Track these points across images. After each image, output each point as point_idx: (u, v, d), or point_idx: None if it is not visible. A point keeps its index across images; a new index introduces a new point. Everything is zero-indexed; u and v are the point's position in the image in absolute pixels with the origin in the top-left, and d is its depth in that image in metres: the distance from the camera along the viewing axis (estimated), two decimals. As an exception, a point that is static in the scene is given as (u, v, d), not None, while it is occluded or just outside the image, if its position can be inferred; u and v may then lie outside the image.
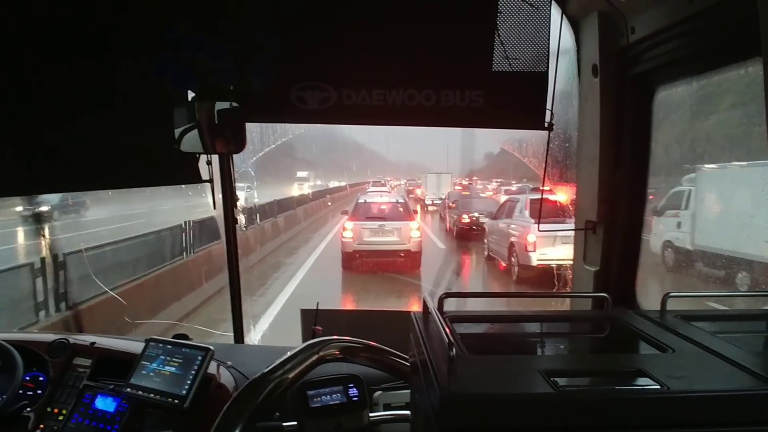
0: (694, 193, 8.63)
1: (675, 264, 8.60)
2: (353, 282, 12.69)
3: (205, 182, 2.20)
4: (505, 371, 0.93)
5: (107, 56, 1.80)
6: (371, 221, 14.08)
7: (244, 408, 1.23)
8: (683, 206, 8.83)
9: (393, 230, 13.87)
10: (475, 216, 17.56)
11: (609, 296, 1.27)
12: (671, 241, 8.72)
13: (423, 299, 1.19)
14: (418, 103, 1.96)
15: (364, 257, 13.62)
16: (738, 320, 1.37)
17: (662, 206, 9.09)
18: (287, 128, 17.24)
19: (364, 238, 13.75)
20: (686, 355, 1.00)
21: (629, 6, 1.69)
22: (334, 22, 1.92)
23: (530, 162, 19.05)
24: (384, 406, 1.61)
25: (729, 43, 1.40)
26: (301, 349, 1.37)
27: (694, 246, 8.38)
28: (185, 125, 1.88)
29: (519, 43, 1.92)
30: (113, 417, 1.67)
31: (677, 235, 8.72)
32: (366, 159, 52.52)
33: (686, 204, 8.79)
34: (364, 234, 13.80)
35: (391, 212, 14.60)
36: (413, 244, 13.74)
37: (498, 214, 14.51)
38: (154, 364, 1.70)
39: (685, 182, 9.05)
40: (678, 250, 8.63)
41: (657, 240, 8.76)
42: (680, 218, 8.79)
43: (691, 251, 8.40)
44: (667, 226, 8.83)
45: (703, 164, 8.16)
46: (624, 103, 1.81)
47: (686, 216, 8.76)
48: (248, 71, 1.81)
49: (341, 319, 2.24)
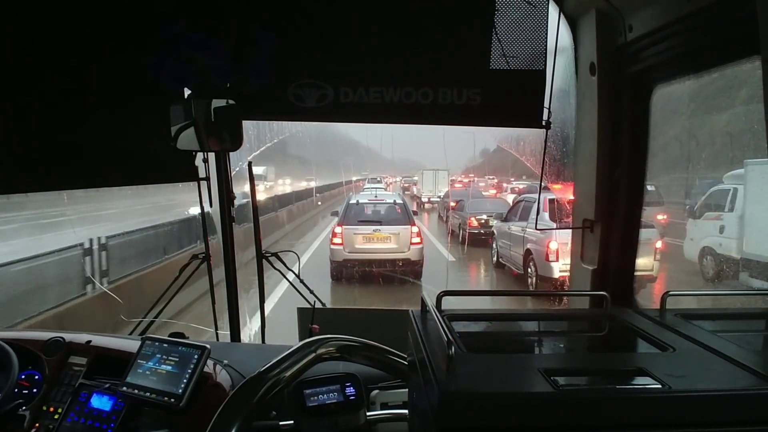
0: (742, 191, 7.46)
1: (716, 274, 7.57)
2: (343, 300, 11.18)
3: (201, 180, 2.19)
4: (505, 370, 0.93)
5: (103, 54, 1.79)
6: (364, 225, 12.38)
7: (240, 407, 1.22)
8: (727, 207, 7.73)
9: (390, 236, 12.20)
10: (484, 219, 15.73)
11: (608, 294, 1.27)
12: (711, 247, 7.74)
13: (421, 297, 1.19)
14: (415, 101, 1.95)
15: (356, 267, 12.06)
16: (738, 319, 1.37)
17: (700, 207, 8.03)
18: (283, 126, 17.09)
19: (357, 245, 12.09)
20: (687, 354, 1.00)
21: (627, 4, 1.69)
22: (331, 20, 1.91)
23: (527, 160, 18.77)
24: (381, 405, 1.61)
25: (727, 42, 1.40)
26: (298, 347, 1.37)
27: (741, 254, 7.29)
28: (181, 123, 1.87)
29: (517, 41, 1.92)
30: (109, 416, 1.67)
31: (719, 241, 7.67)
32: (362, 156, 52.52)
33: (731, 204, 7.67)
34: (356, 240, 12.12)
35: (387, 215, 12.87)
36: (413, 252, 12.11)
37: (509, 215, 12.93)
38: (150, 362, 1.69)
39: (727, 179, 7.94)
40: (720, 259, 7.61)
41: (693, 246, 7.83)
42: (723, 221, 7.72)
43: (736, 260, 7.34)
44: (707, 231, 7.77)
45: (756, 157, 6.88)
46: (622, 101, 1.81)
47: (731, 219, 7.61)
48: (245, 69, 1.80)
49: (338, 318, 2.23)
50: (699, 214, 8.14)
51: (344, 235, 12.16)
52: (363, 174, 48.94)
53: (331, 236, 12.53)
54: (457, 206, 17.88)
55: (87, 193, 16.10)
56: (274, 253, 2.39)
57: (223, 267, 2.37)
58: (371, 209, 13.22)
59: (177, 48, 1.72)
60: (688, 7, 1.42)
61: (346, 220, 12.60)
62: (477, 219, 15.90)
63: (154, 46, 1.70)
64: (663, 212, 10.39)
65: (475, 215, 16.06)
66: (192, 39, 1.72)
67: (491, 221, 15.12)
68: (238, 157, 2.64)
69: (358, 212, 12.94)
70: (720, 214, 7.74)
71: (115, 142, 1.91)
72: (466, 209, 16.82)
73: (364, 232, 12.24)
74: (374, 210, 13.18)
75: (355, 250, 12.10)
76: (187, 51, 1.72)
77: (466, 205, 17.24)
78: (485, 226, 15.45)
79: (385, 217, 12.79)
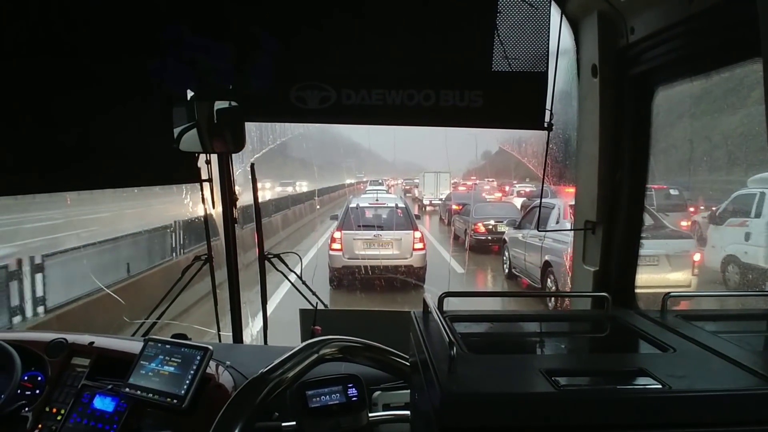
0: (770, 196, 6.79)
1: (741, 284, 7.13)
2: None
3: (204, 181, 2.20)
4: (506, 370, 0.93)
5: (106, 56, 1.80)
6: (365, 230, 11.79)
7: (243, 408, 1.22)
8: (753, 213, 7.25)
9: (391, 241, 11.62)
10: (491, 224, 14.71)
11: (609, 296, 1.27)
12: (736, 255, 7.28)
13: (423, 298, 1.19)
14: (417, 103, 1.96)
15: (357, 274, 11.49)
16: (738, 320, 1.37)
17: (722, 213, 7.54)
18: (285, 128, 17.00)
19: (356, 251, 11.49)
20: (687, 355, 1.00)
21: (629, 6, 1.69)
22: (334, 22, 1.92)
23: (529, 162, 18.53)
24: (383, 406, 1.61)
25: (729, 44, 1.40)
26: (300, 348, 1.37)
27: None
28: (184, 124, 1.88)
29: (518, 43, 1.92)
30: (112, 417, 1.67)
31: (744, 249, 7.23)
32: (363, 158, 52.52)
33: (757, 210, 7.18)
34: (356, 246, 11.53)
35: (389, 219, 12.26)
36: (416, 259, 11.55)
37: (523, 222, 11.95)
38: (153, 363, 1.69)
39: (752, 183, 7.50)
40: (745, 267, 7.14)
41: (715, 254, 7.35)
42: (749, 228, 7.24)
43: (764, 269, 6.96)
44: (731, 238, 7.27)
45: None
46: (623, 103, 1.81)
47: (758, 225, 7.15)
48: (247, 71, 1.81)
49: (340, 319, 2.24)
50: (722, 220, 7.62)
51: (344, 241, 11.59)
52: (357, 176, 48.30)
53: (330, 241, 11.95)
54: (462, 210, 16.97)
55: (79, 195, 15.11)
56: (276, 255, 2.39)
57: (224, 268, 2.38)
58: (372, 213, 12.64)
59: (180, 50, 1.72)
60: (690, 9, 1.42)
61: (345, 224, 12.03)
62: (484, 224, 14.90)
63: (158, 48, 1.71)
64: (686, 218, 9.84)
65: (482, 220, 15.10)
66: (195, 41, 1.73)
67: (499, 227, 14.33)
68: (241, 159, 2.65)
69: (359, 216, 12.33)
70: (745, 220, 7.30)
71: (118, 143, 1.91)
72: (472, 214, 15.78)
73: (364, 238, 11.67)
74: (375, 214, 12.61)
75: (355, 256, 11.51)
76: (190, 53, 1.73)
77: (471, 210, 16.16)
78: (492, 232, 14.60)
79: (386, 222, 12.25)
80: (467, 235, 15.34)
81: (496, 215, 15.12)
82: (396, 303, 10.56)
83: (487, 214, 15.44)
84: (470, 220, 15.43)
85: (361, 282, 11.51)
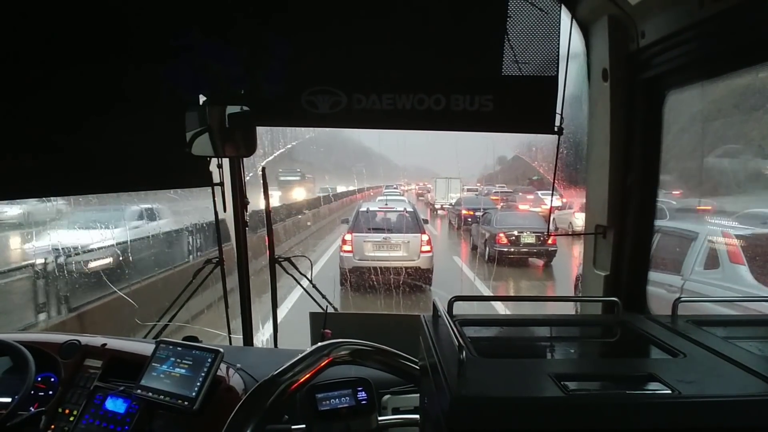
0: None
1: None
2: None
3: (215, 185, 2.22)
4: (515, 374, 0.93)
5: (119, 61, 1.82)
6: (375, 233, 12.23)
7: (253, 410, 1.23)
8: None
9: (400, 244, 12.00)
10: (514, 235, 13.72)
11: (619, 301, 1.26)
12: None
13: (433, 302, 1.19)
14: (427, 108, 1.96)
15: (366, 275, 11.81)
16: (749, 325, 1.36)
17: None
18: (297, 133, 17.00)
19: (366, 253, 11.94)
20: (698, 360, 0.99)
21: (639, 10, 1.69)
22: (344, 27, 1.93)
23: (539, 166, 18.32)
24: (393, 409, 1.61)
25: (739, 48, 1.39)
26: (311, 351, 1.38)
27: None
28: (196, 129, 1.90)
29: (529, 48, 1.92)
30: (123, 418, 1.69)
31: None
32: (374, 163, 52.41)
33: None
34: (366, 248, 11.98)
35: (397, 223, 12.72)
36: (423, 260, 11.88)
37: None
38: (165, 365, 1.71)
39: None
40: None
41: None
42: None
43: None
44: None
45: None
46: (634, 107, 1.81)
47: None
48: (259, 76, 1.82)
49: (350, 322, 2.24)
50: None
51: (354, 243, 12.01)
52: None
53: (341, 243, 12.37)
54: (483, 218, 15.68)
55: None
56: (287, 258, 2.40)
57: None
58: (381, 217, 13.09)
59: (192, 55, 1.74)
60: (701, 13, 1.42)
61: (356, 227, 12.46)
62: (507, 235, 13.80)
63: (170, 54, 1.73)
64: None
65: (505, 230, 13.98)
66: (207, 46, 1.74)
67: (523, 237, 13.58)
68: (251, 163, 2.67)
69: (369, 220, 12.78)
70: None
71: (130, 147, 1.93)
72: (494, 223, 14.69)
73: (374, 240, 12.08)
74: (384, 218, 13.05)
75: (365, 258, 11.94)
76: (202, 58, 1.75)
77: (493, 218, 15.01)
78: (516, 243, 13.68)
79: (395, 225, 12.66)
80: (487, 247, 14.37)
81: (521, 225, 14.17)
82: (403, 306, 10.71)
83: (510, 224, 14.41)
84: (492, 230, 14.40)
85: (370, 284, 11.72)
